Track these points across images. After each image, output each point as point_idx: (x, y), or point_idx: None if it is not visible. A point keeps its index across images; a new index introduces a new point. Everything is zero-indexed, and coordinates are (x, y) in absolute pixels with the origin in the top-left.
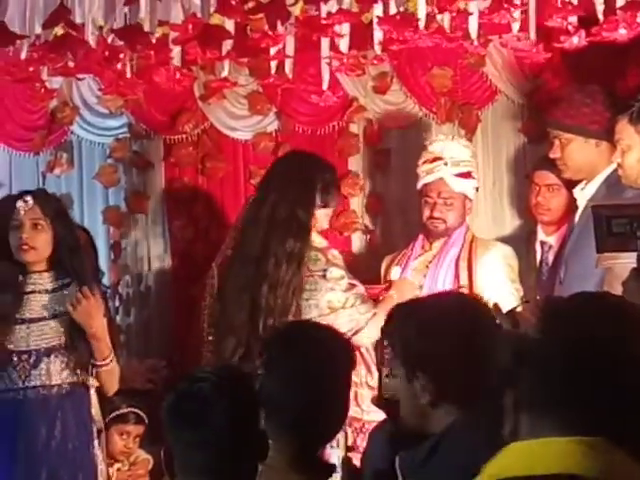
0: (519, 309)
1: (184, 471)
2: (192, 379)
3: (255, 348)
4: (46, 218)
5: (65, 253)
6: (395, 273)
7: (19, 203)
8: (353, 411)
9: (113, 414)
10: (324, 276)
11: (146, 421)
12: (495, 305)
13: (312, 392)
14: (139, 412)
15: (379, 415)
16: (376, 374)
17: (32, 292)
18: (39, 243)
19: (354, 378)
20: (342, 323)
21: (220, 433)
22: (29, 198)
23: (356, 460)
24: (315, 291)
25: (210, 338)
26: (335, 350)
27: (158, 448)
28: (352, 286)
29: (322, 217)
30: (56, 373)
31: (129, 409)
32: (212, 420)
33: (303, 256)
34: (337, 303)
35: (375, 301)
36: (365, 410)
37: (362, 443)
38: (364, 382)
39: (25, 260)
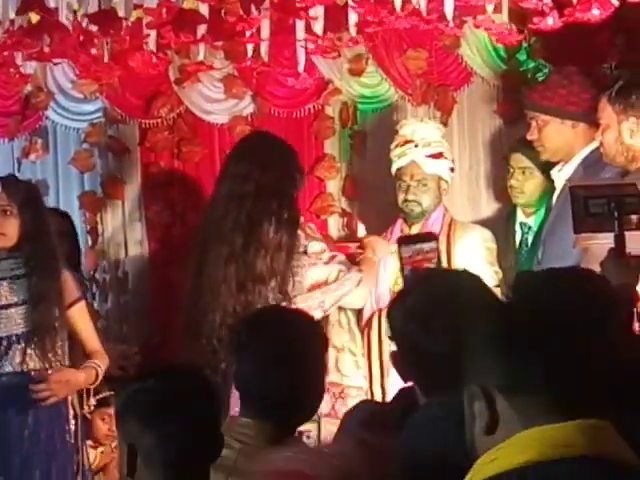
0: None
1: (148, 467)
2: (155, 375)
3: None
4: (14, 204)
5: (26, 240)
6: (360, 232)
7: None
8: (333, 376)
9: (95, 399)
10: (305, 252)
11: None
12: None
13: (283, 374)
14: None
15: (359, 381)
16: (359, 338)
17: (3, 278)
18: (7, 229)
19: (335, 343)
20: (329, 299)
21: (186, 428)
22: None
23: (333, 426)
24: (298, 267)
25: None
26: (304, 332)
27: None
28: (333, 257)
29: None
30: (28, 360)
31: (110, 392)
32: (179, 415)
33: (299, 221)
34: (321, 277)
35: (352, 261)
36: (345, 375)
37: (341, 408)
38: (346, 347)
39: None
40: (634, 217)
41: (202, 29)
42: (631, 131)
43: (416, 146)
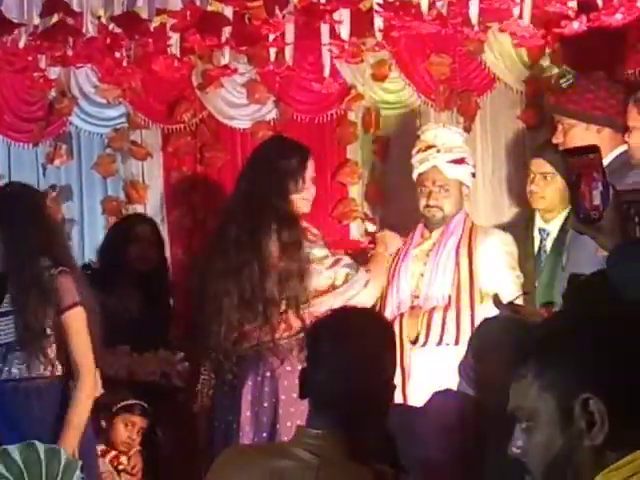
0: (519, 300)
1: None
2: None
3: (251, 333)
4: None
5: (4, 251)
6: (370, 228)
7: None
8: None
9: (120, 404)
10: (308, 259)
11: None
12: (495, 296)
13: (363, 383)
14: (145, 405)
15: None
16: None
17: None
18: None
19: None
20: (337, 303)
21: None
22: None
23: None
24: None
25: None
26: (381, 338)
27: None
28: (337, 261)
29: (298, 203)
30: (21, 367)
31: (136, 401)
32: None
33: (301, 244)
34: (327, 280)
35: (364, 256)
36: None
37: None
38: None
39: None
40: None
41: (226, 32)
42: None
43: (438, 151)
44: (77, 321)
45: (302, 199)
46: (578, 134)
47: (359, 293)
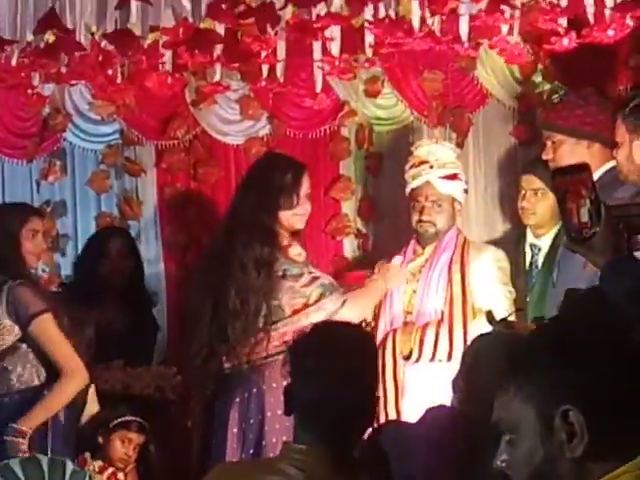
0: (512, 317)
1: None
2: None
3: (220, 350)
4: None
5: None
6: (395, 261)
7: None
8: None
9: (117, 420)
10: (284, 276)
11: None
12: (489, 313)
13: (347, 398)
14: (142, 422)
15: None
16: None
17: None
18: None
19: None
20: (311, 320)
21: None
22: None
23: None
24: (277, 292)
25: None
26: (364, 352)
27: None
28: (314, 280)
29: (290, 219)
30: None
31: (133, 417)
32: None
33: (273, 261)
34: (301, 299)
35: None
36: None
37: None
38: None
39: None
40: None
41: (218, 49)
42: None
43: (431, 167)
44: (48, 326)
45: (295, 215)
46: (568, 150)
47: (334, 313)
